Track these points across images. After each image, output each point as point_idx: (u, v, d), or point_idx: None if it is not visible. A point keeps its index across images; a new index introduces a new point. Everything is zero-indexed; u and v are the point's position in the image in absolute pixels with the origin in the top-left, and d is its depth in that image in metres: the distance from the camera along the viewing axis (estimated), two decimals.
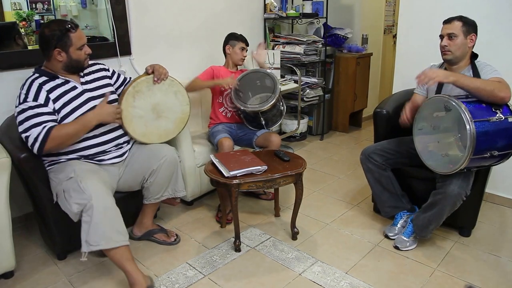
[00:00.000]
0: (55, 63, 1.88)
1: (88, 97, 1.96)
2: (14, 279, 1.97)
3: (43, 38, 1.83)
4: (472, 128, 1.75)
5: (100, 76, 2.08)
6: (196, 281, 1.94)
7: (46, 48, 1.84)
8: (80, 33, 1.88)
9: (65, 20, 1.90)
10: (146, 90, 2.09)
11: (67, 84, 1.92)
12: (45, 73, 1.89)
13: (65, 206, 1.78)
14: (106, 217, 1.72)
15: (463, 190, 1.93)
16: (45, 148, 1.76)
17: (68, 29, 1.83)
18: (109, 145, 2.01)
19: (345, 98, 4.25)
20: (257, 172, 2.05)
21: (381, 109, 2.39)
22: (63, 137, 1.80)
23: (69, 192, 1.76)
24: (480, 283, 1.91)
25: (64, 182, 1.80)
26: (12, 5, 2.25)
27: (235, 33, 2.73)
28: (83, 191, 1.72)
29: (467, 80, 1.88)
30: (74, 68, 1.92)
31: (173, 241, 2.26)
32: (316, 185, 3.01)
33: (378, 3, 4.67)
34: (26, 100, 1.79)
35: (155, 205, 2.23)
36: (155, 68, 2.12)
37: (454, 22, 2.01)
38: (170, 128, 2.23)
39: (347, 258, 2.11)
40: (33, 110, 1.78)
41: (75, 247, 2.14)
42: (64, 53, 1.85)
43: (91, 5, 2.60)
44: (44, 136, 1.75)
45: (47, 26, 1.84)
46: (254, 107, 2.51)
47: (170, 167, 2.12)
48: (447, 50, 2.02)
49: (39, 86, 1.84)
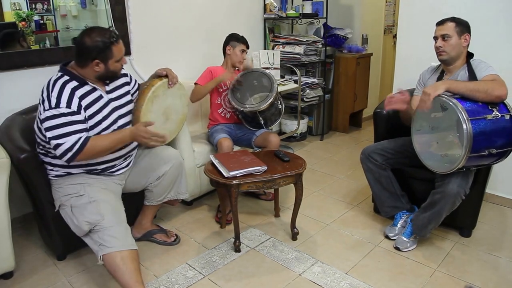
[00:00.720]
0: (90, 71, 1.78)
1: (113, 107, 1.89)
2: (14, 279, 1.96)
3: (83, 47, 1.73)
4: (468, 127, 1.75)
5: (121, 83, 1.99)
6: (195, 281, 1.94)
7: (84, 57, 1.75)
8: (121, 45, 1.81)
9: (107, 29, 1.78)
10: (161, 95, 2.05)
11: (95, 92, 1.83)
12: (74, 77, 1.78)
13: (71, 221, 1.76)
14: (117, 228, 1.70)
15: (462, 189, 1.92)
16: (77, 158, 1.69)
17: (112, 42, 1.75)
18: (119, 160, 1.97)
19: (345, 98, 4.25)
20: (257, 173, 2.05)
21: (381, 109, 2.39)
22: (97, 150, 1.74)
23: (79, 210, 1.73)
24: (480, 283, 1.91)
25: (73, 199, 1.78)
26: (12, 5, 2.25)
27: (237, 34, 2.71)
28: (96, 212, 1.70)
29: (460, 84, 1.87)
30: (108, 78, 1.86)
31: (173, 241, 2.25)
32: (316, 185, 3.01)
33: (378, 3, 4.67)
34: (58, 105, 1.68)
35: (156, 206, 2.23)
36: (168, 71, 2.06)
37: (447, 23, 2.03)
38: (173, 129, 2.23)
39: (347, 258, 2.11)
40: (66, 118, 1.69)
41: (75, 248, 2.15)
42: (102, 65, 1.77)
43: (90, 5, 2.60)
44: (80, 146, 1.67)
45: (88, 34, 1.73)
46: (253, 107, 2.51)
47: (176, 172, 2.13)
48: (442, 51, 2.04)
49: (72, 91, 1.74)
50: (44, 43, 2.41)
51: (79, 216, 1.72)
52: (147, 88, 1.99)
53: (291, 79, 3.70)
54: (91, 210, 1.72)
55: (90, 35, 1.73)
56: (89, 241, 1.73)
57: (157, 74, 2.08)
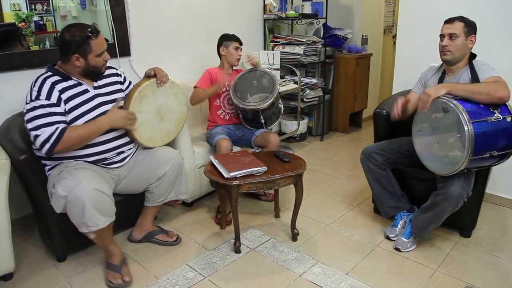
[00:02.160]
0: (72, 67, 1.84)
1: (100, 101, 1.93)
2: (14, 281, 1.96)
3: (63, 42, 1.79)
4: (470, 129, 1.75)
5: (113, 81, 2.05)
6: (196, 282, 1.94)
7: (65, 52, 1.81)
8: (100, 40, 1.84)
9: (86, 24, 1.83)
10: (150, 94, 2.07)
11: (79, 87, 1.89)
12: (58, 73, 1.85)
13: (52, 200, 1.78)
14: (94, 199, 1.72)
15: (464, 191, 1.92)
16: (56, 149, 1.73)
17: (89, 36, 1.79)
18: (111, 153, 1.98)
19: (345, 98, 4.25)
20: (257, 173, 2.05)
21: (381, 109, 2.39)
22: (75, 139, 1.77)
23: (59, 182, 1.75)
24: (480, 284, 1.91)
25: (56, 177, 1.80)
26: (12, 6, 2.25)
27: (227, 34, 2.73)
28: (73, 177, 1.73)
29: (461, 87, 1.87)
30: (91, 73, 1.90)
31: (174, 241, 2.25)
32: (316, 186, 3.00)
33: (378, 3, 4.67)
34: (38, 98, 1.75)
35: (157, 207, 2.23)
36: (156, 71, 2.09)
37: (456, 22, 2.00)
38: (172, 130, 2.23)
39: (347, 259, 2.11)
40: (45, 109, 1.75)
41: (75, 249, 2.14)
42: (82, 59, 1.82)
43: (90, 6, 2.60)
44: (56, 137, 1.71)
45: (67, 30, 1.79)
46: (256, 104, 2.51)
47: (175, 172, 2.14)
48: (447, 50, 2.02)
49: (52, 85, 1.80)
50: (44, 44, 2.41)
51: (58, 187, 1.73)
52: (134, 89, 2.03)
53: (291, 79, 3.70)
54: (68, 178, 1.74)
55: (69, 30, 1.79)
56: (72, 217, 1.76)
57: (146, 74, 2.11)
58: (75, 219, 1.76)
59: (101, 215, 1.76)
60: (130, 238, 2.26)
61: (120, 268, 1.94)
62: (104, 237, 1.87)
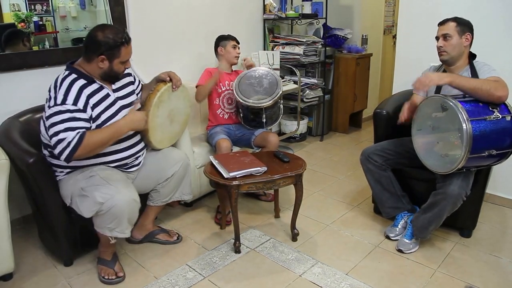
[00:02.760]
0: (94, 67, 1.79)
1: (120, 105, 1.91)
2: (13, 281, 1.96)
3: (94, 40, 1.75)
4: (468, 127, 1.75)
5: (126, 82, 2.03)
6: (195, 282, 1.94)
7: (92, 51, 1.76)
8: (130, 48, 1.84)
9: (120, 29, 1.82)
10: (167, 99, 2.07)
11: (102, 91, 1.85)
12: (82, 75, 1.79)
13: (82, 204, 1.77)
14: (131, 210, 1.76)
15: (463, 190, 1.92)
16: (76, 154, 1.67)
17: (122, 42, 1.77)
18: (131, 159, 1.99)
19: (345, 98, 4.24)
20: (256, 173, 2.05)
21: (381, 109, 2.39)
22: (95, 144, 1.72)
23: (91, 187, 1.74)
24: (480, 284, 1.91)
25: (84, 181, 1.78)
26: (11, 6, 2.25)
27: (223, 34, 2.76)
28: (110, 185, 1.74)
29: (463, 80, 1.88)
30: (110, 77, 1.86)
31: (175, 240, 2.26)
32: (316, 186, 3.00)
33: (377, 4, 4.66)
34: (65, 102, 1.69)
35: (160, 207, 2.23)
36: (171, 75, 2.08)
37: (448, 23, 2.03)
38: (177, 131, 2.25)
39: (347, 259, 2.11)
40: (71, 114, 1.69)
41: (81, 253, 2.14)
42: (107, 62, 1.78)
43: (90, 6, 2.59)
44: (77, 142, 1.66)
45: (101, 30, 1.76)
46: (261, 102, 2.51)
47: (183, 172, 2.16)
48: (443, 51, 2.04)
49: (80, 89, 1.75)
50: (44, 44, 2.41)
51: (92, 192, 1.73)
52: (153, 93, 2.01)
53: (290, 79, 3.70)
54: (105, 184, 1.75)
55: (104, 30, 1.76)
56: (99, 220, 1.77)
57: (160, 78, 2.09)
58: (101, 223, 1.77)
59: (129, 225, 1.80)
60: (129, 239, 2.26)
61: (113, 263, 1.96)
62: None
